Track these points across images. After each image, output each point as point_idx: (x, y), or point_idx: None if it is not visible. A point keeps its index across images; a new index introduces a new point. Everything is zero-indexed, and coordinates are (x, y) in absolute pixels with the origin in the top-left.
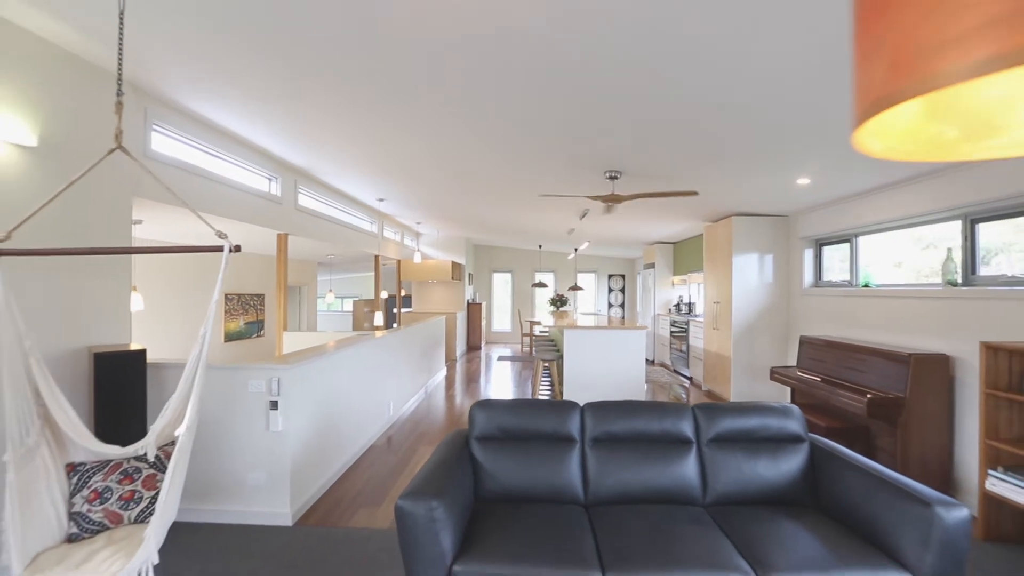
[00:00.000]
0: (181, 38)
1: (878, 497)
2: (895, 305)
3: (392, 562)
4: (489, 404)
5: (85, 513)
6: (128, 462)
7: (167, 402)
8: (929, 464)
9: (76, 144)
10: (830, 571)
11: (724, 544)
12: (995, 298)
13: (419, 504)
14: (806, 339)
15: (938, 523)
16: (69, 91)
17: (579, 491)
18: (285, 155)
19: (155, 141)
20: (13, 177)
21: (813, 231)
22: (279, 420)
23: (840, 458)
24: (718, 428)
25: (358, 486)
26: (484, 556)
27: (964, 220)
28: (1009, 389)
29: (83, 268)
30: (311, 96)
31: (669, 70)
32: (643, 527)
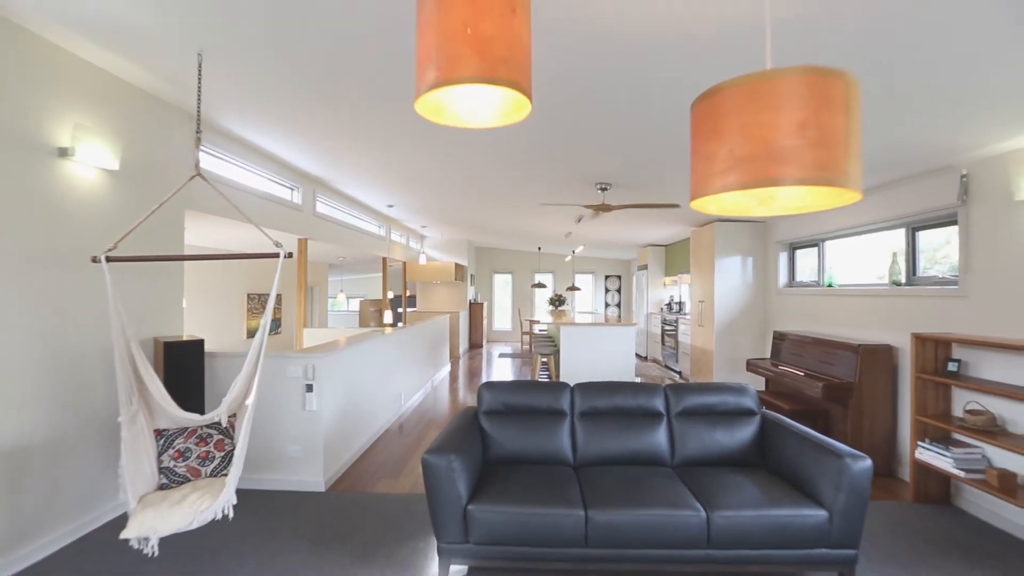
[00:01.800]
0: (229, 76)
1: (806, 454)
2: (852, 303)
3: (411, 521)
4: (495, 385)
5: (172, 468)
6: (201, 429)
7: (235, 380)
8: (876, 440)
9: (147, 167)
10: (763, 508)
11: (683, 491)
12: (927, 296)
13: (440, 458)
14: (778, 334)
15: (847, 471)
16: (142, 122)
17: (569, 455)
18: (306, 167)
19: (204, 160)
20: (100, 195)
21: (787, 236)
22: (314, 401)
23: (782, 426)
24: (685, 404)
25: (377, 462)
26: (492, 499)
27: (907, 228)
28: (935, 373)
29: (148, 271)
30: (335, 118)
31: (645, 105)
32: (620, 480)
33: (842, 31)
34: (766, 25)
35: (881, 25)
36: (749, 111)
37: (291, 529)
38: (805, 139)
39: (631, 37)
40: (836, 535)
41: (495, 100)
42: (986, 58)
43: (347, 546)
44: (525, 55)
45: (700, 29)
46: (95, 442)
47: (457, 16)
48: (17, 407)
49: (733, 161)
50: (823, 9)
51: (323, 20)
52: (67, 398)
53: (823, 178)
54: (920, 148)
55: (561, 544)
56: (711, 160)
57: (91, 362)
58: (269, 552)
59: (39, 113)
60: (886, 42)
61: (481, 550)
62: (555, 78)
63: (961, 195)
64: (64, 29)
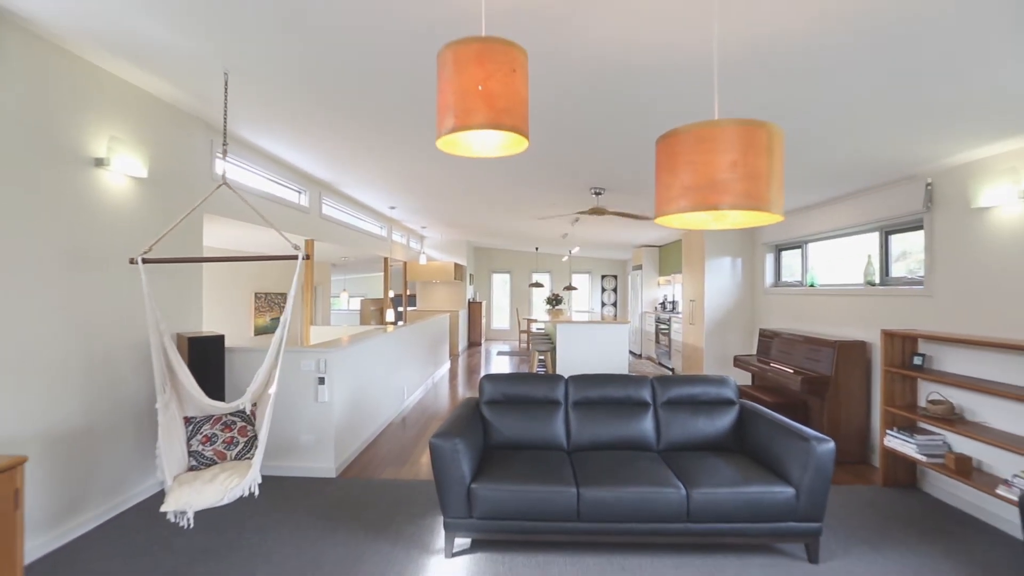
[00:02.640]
0: (248, 91)
1: (778, 438)
2: (831, 301)
3: (417, 502)
4: (495, 377)
5: (200, 451)
6: (226, 416)
7: (257, 371)
8: (851, 430)
9: (170, 174)
10: (737, 486)
11: (666, 472)
12: (897, 295)
13: (446, 441)
14: (763, 331)
15: (812, 453)
16: (166, 133)
17: (563, 440)
18: (313, 171)
19: (219, 166)
20: (130, 201)
21: (774, 238)
22: (325, 392)
23: (758, 414)
24: (670, 394)
25: (383, 452)
26: (493, 479)
27: (880, 232)
28: (902, 366)
29: (171, 271)
30: (345, 127)
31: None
32: (609, 463)
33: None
34: (713, 65)
35: (840, 54)
36: (696, 151)
37: (307, 509)
38: (737, 174)
39: (612, 68)
40: (802, 510)
41: (499, 138)
42: (938, 79)
43: (360, 523)
44: (523, 105)
45: (664, 62)
46: (126, 430)
47: (471, 77)
48: (60, 397)
49: (684, 189)
50: (772, 51)
51: (337, 41)
52: (101, 389)
53: (751, 204)
54: (889, 159)
55: (555, 518)
56: (669, 188)
57: (122, 356)
58: (289, 527)
59: (80, 127)
60: (847, 66)
61: (483, 524)
62: (550, 98)
63: (926, 202)
64: (103, 50)
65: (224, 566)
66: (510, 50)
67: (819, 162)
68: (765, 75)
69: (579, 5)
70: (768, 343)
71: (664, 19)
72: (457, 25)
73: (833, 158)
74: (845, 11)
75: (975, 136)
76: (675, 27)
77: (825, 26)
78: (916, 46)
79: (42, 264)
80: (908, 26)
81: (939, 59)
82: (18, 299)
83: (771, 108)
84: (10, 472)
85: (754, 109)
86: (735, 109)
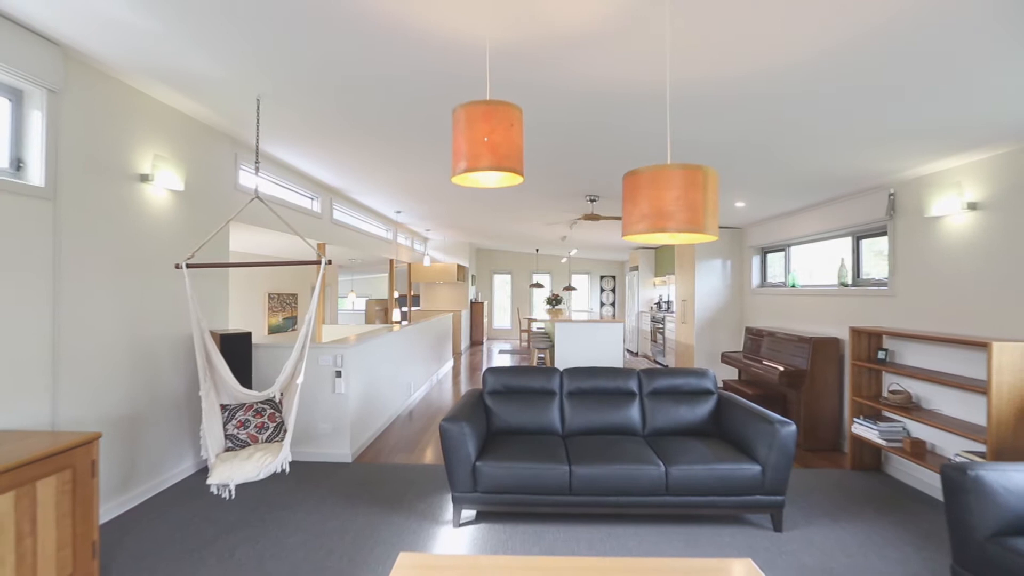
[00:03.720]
0: (275, 111)
1: (749, 422)
2: (810, 301)
3: (427, 483)
4: (497, 370)
5: (235, 434)
6: (256, 404)
7: (285, 364)
8: (824, 419)
9: (202, 186)
10: (710, 463)
11: (649, 452)
12: (866, 295)
13: (455, 424)
14: (749, 329)
15: (776, 434)
16: (199, 149)
17: (558, 426)
18: (326, 179)
19: (241, 177)
20: (170, 212)
21: (760, 241)
22: (342, 385)
23: (733, 402)
24: (655, 385)
25: (393, 441)
26: (495, 458)
27: (852, 237)
28: (868, 360)
29: (204, 274)
30: (359, 140)
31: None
32: (599, 445)
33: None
34: (666, 94)
35: (799, 84)
36: (650, 187)
37: (327, 488)
38: (679, 206)
39: (593, 96)
40: (768, 484)
41: (500, 175)
42: (893, 108)
43: (376, 500)
44: (519, 151)
45: (634, 92)
46: (163, 419)
47: (479, 130)
48: (111, 388)
49: (642, 216)
50: (721, 85)
51: (360, 74)
52: (144, 381)
53: (690, 228)
54: (856, 171)
55: (550, 492)
56: (631, 214)
57: (162, 351)
58: (314, 503)
59: (129, 147)
60: (811, 96)
61: (486, 498)
62: (547, 118)
63: (889, 210)
64: (152, 80)
65: (259, 532)
66: (509, 109)
67: (794, 172)
68: (744, 104)
69: (564, 53)
70: (753, 340)
71: (628, 61)
72: (470, 65)
73: (805, 169)
74: (811, 58)
75: (926, 154)
76: (638, 67)
77: (792, 67)
78: (872, 81)
79: (99, 270)
80: (863, 70)
81: (892, 92)
82: (83, 301)
83: (746, 128)
84: (89, 446)
85: (729, 128)
86: (713, 128)
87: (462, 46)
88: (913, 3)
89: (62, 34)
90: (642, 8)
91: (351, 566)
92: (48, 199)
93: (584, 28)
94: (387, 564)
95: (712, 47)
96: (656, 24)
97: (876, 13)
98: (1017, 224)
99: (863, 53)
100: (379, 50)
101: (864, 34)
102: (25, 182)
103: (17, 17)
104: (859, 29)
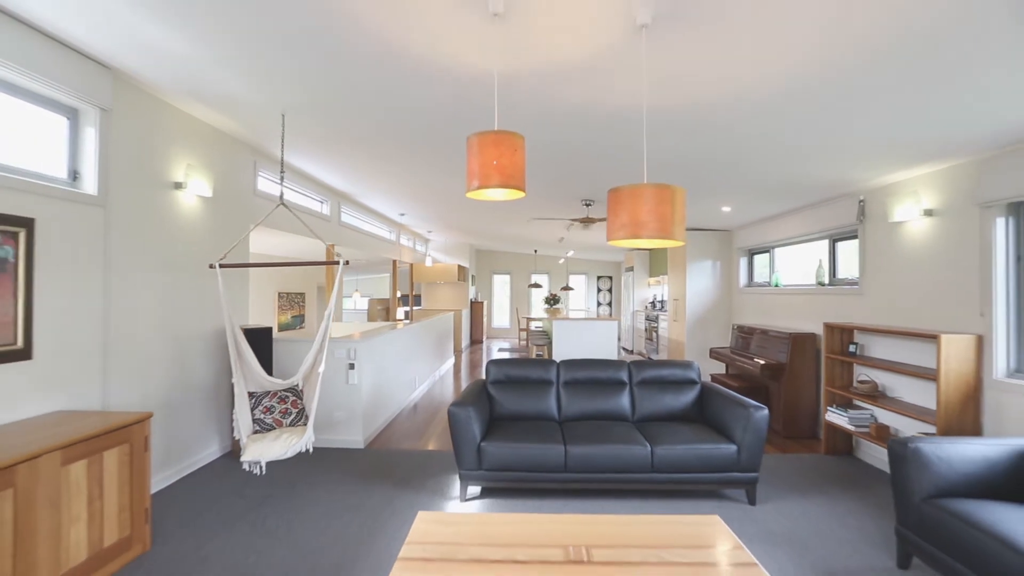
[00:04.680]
0: (295, 125)
1: (727, 408)
2: (791, 299)
3: (434, 466)
4: (500, 361)
5: (262, 419)
6: (280, 391)
7: (306, 355)
8: (802, 408)
9: (226, 192)
10: (691, 443)
11: (637, 435)
12: (840, 294)
13: (462, 409)
14: (736, 326)
15: (751, 417)
16: (224, 157)
17: (555, 413)
18: (335, 184)
19: (260, 183)
20: (200, 216)
21: (746, 243)
22: (355, 376)
23: (714, 390)
24: (643, 375)
25: (401, 430)
26: (498, 439)
27: (829, 239)
28: (840, 353)
29: (227, 273)
30: (372, 150)
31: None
32: (592, 429)
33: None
34: (643, 119)
35: (771, 107)
36: (629, 202)
37: (344, 470)
38: (652, 217)
39: (584, 118)
40: (743, 462)
41: (506, 191)
42: (858, 126)
43: (388, 479)
44: (522, 172)
45: (617, 115)
46: (193, 407)
47: (488, 155)
48: (151, 375)
49: (622, 225)
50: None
51: (376, 96)
52: (177, 371)
53: (661, 236)
54: (830, 179)
55: (547, 470)
56: (613, 223)
57: (192, 344)
58: (333, 481)
59: (166, 158)
60: (781, 115)
61: (490, 475)
62: (545, 135)
63: (859, 215)
64: (186, 97)
65: (286, 506)
66: (514, 138)
67: (770, 180)
68: (713, 125)
69: (559, 82)
70: (739, 337)
71: (612, 91)
72: (479, 91)
73: (779, 178)
74: (778, 88)
75: (889, 165)
76: (621, 95)
77: (759, 96)
78: (833, 105)
79: (140, 268)
80: (824, 97)
81: (859, 110)
82: (128, 296)
83: (716, 144)
84: (143, 423)
85: (702, 145)
86: (688, 145)
87: (473, 79)
88: (853, 51)
89: (112, 59)
90: (622, 48)
91: (371, 533)
92: (100, 206)
93: (575, 63)
94: (403, 531)
95: (682, 80)
96: (633, 62)
97: (834, 53)
98: (962, 228)
99: (827, 84)
100: (399, 80)
101: (826, 66)
102: (81, 191)
103: (74, 44)
104: (814, 69)
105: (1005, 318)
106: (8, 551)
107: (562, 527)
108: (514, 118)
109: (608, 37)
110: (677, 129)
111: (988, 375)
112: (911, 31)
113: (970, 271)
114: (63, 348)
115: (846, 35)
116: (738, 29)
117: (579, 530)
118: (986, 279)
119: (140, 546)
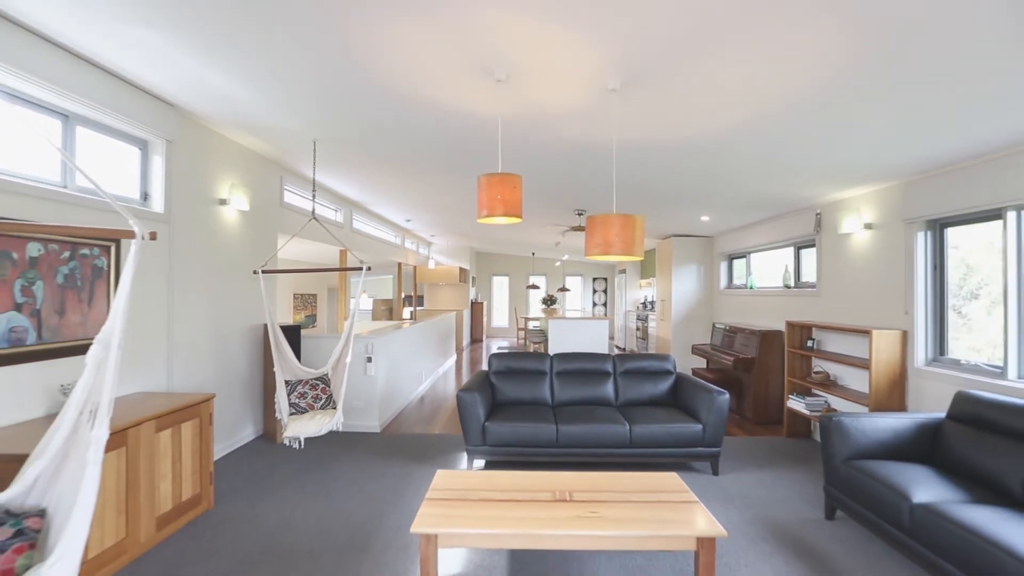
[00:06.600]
0: (323, 147)
1: (696, 393)
2: (763, 300)
3: (444, 445)
4: (501, 354)
5: (298, 403)
6: (311, 380)
7: (334, 348)
8: (770, 398)
9: (260, 206)
10: (664, 423)
11: (618, 416)
12: (802, 295)
13: (468, 394)
14: (716, 324)
15: (714, 401)
16: (258, 175)
17: (548, 399)
18: (349, 194)
19: (286, 196)
20: (239, 228)
21: (726, 248)
22: (372, 368)
23: (686, 378)
24: (626, 366)
25: (411, 419)
26: (500, 420)
27: (794, 247)
28: (800, 348)
29: (256, 277)
30: (387, 168)
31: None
32: (580, 412)
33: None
34: (613, 154)
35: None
36: (602, 227)
37: (364, 449)
38: (619, 238)
39: (571, 149)
40: (707, 439)
41: (507, 218)
42: (796, 151)
43: (404, 456)
44: (519, 202)
45: (598, 149)
46: (233, 395)
47: (494, 191)
48: (202, 366)
49: (596, 243)
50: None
51: (397, 133)
52: (223, 363)
53: (625, 252)
54: (791, 195)
55: (541, 445)
56: (590, 242)
57: (233, 340)
58: (355, 458)
59: (214, 178)
60: (740, 145)
61: (493, 450)
62: (543, 155)
63: (816, 227)
64: (232, 127)
65: (320, 476)
66: (514, 178)
67: (740, 196)
68: (680, 155)
69: (551, 122)
70: (718, 333)
71: (593, 131)
72: (488, 127)
73: (745, 193)
74: (736, 125)
75: (836, 184)
76: (599, 134)
77: (719, 131)
78: (779, 138)
79: (194, 275)
80: (771, 133)
81: (801, 142)
82: (185, 299)
83: (684, 170)
84: (208, 402)
85: (673, 172)
86: (659, 171)
87: (482, 123)
88: (777, 103)
89: (176, 98)
90: (599, 99)
91: (395, 494)
92: (166, 222)
93: (562, 113)
94: (421, 492)
95: (651, 121)
96: (608, 112)
97: (781, 97)
98: (892, 240)
99: (760, 128)
100: (419, 118)
101: (757, 115)
102: (151, 209)
103: (146, 87)
104: (748, 116)
105: (924, 316)
106: (122, 495)
107: (551, 480)
108: (513, 149)
109: (587, 96)
110: (654, 155)
111: (911, 364)
112: (807, 94)
113: (898, 276)
114: (141, 341)
115: (762, 96)
116: (684, 90)
117: (565, 481)
118: (909, 283)
119: (206, 503)
